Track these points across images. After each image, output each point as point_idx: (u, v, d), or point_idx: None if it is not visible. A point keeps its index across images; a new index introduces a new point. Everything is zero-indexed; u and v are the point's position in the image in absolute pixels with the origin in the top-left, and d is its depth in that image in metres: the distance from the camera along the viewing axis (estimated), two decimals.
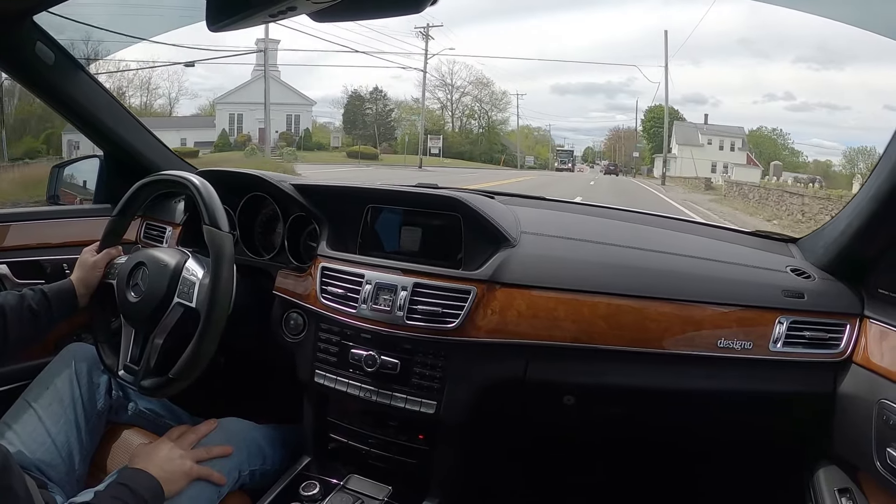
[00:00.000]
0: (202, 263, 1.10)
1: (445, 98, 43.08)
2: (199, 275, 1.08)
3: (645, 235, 1.29)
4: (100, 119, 1.54)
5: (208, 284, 1.03)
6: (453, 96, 43.07)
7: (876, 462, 0.94)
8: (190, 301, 1.06)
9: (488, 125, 44.12)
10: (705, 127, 36.09)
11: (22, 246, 1.47)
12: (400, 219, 1.26)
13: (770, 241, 1.34)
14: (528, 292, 1.09)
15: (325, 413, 1.25)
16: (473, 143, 42.98)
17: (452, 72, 43.58)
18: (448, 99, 43.22)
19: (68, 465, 1.06)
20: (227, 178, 1.35)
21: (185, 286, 1.07)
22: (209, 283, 1.03)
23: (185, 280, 1.08)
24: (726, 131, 35.22)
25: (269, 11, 0.74)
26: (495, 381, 1.11)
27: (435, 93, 42.61)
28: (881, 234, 1.02)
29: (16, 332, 1.06)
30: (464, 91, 43.71)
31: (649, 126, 40.34)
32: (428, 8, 0.81)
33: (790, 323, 1.06)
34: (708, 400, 1.15)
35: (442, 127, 41.87)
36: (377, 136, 37.50)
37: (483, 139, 43.30)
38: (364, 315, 1.14)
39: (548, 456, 1.49)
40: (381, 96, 40.08)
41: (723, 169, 31.83)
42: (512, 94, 44.72)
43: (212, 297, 1.01)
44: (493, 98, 44.63)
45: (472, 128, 44.09)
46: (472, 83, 44.20)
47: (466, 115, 44.30)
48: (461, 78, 44.24)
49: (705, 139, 34.68)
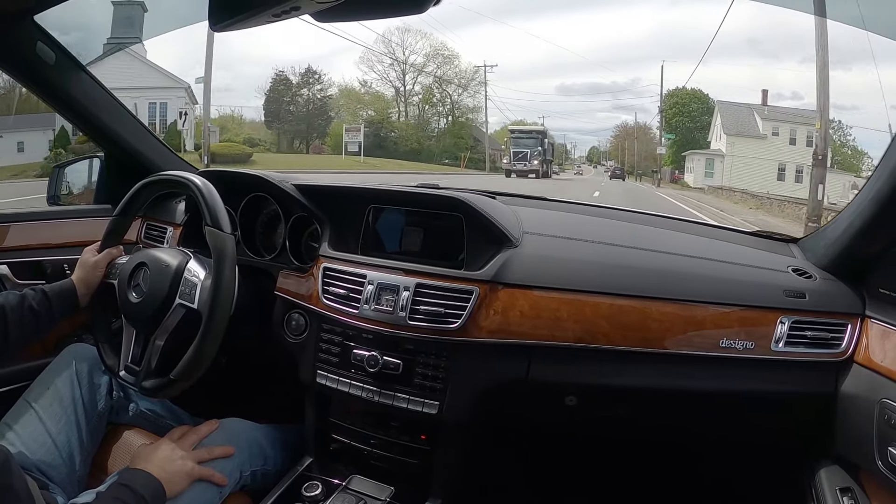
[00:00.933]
0: (204, 264, 1.09)
1: (397, 79, 33.45)
2: (200, 276, 1.07)
3: (646, 235, 1.30)
4: (100, 119, 1.54)
5: (210, 286, 1.03)
6: (406, 77, 33.36)
7: (877, 461, 0.94)
8: (192, 302, 1.06)
9: (452, 113, 34.41)
10: (766, 110, 23.56)
11: (22, 246, 1.47)
12: (402, 219, 1.25)
13: (771, 241, 1.34)
14: (530, 292, 1.09)
15: (326, 413, 1.24)
16: (435, 137, 33.98)
17: (404, 44, 33.36)
18: (400, 80, 33.51)
19: (69, 466, 1.06)
20: (228, 179, 1.35)
21: (187, 287, 1.07)
22: (211, 285, 1.02)
23: (187, 281, 1.08)
24: (797, 115, 22.53)
25: (272, 11, 0.75)
26: (498, 381, 1.11)
27: (387, 74, 33.15)
28: (882, 234, 1.03)
29: (17, 332, 1.06)
30: (421, 69, 33.61)
31: (672, 115, 30.32)
32: (431, 8, 0.82)
33: (792, 323, 1.07)
34: (710, 400, 1.15)
35: (387, 117, 32.52)
36: (308, 132, 30.15)
37: (447, 133, 33.70)
38: (366, 315, 1.13)
39: (550, 456, 1.50)
40: (314, 79, 31.34)
41: (795, 175, 20.87)
42: (488, 70, 33.98)
43: (213, 299, 1.01)
44: (462, 77, 34.50)
45: (430, 117, 34.55)
46: (430, 57, 34.04)
47: (424, 101, 34.30)
48: (416, 52, 33.98)
49: (769, 128, 22.93)
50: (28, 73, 1.37)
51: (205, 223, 1.05)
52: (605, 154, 48.50)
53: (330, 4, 0.73)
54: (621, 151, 41.44)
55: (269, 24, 0.82)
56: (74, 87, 1.43)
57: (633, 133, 39.59)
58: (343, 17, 0.86)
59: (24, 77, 1.39)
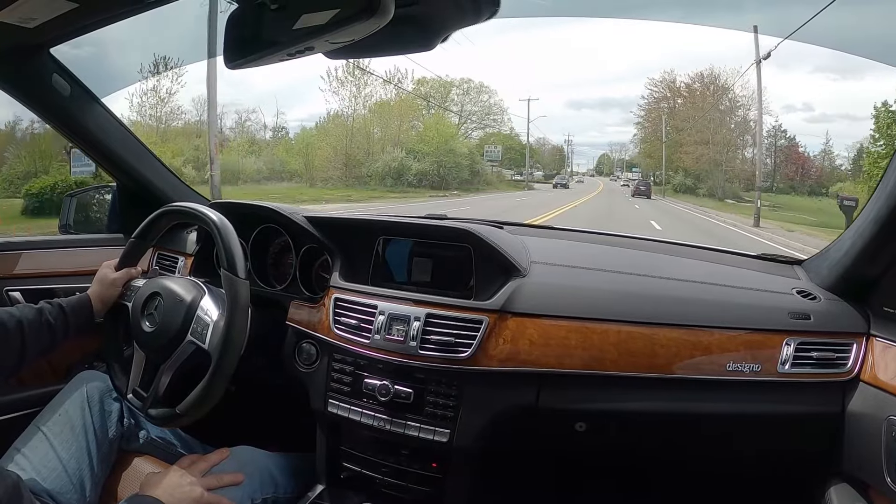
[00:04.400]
0: (217, 302, 1.10)
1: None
2: (213, 316, 1.08)
3: (651, 262, 1.31)
4: (113, 150, 1.57)
5: (222, 330, 1.03)
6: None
7: (887, 478, 0.95)
8: (203, 342, 1.06)
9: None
10: None
11: (34, 274, 1.49)
12: (411, 250, 1.27)
13: (775, 263, 1.36)
14: (539, 321, 1.10)
15: (338, 442, 1.25)
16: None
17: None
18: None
19: (80, 493, 1.06)
20: (239, 211, 1.37)
21: (199, 325, 1.07)
22: (223, 330, 1.03)
23: (200, 319, 1.08)
24: None
25: (287, 51, 0.78)
26: (508, 409, 1.12)
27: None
28: (884, 254, 1.04)
29: (34, 346, 1.07)
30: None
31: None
32: (438, 45, 0.85)
33: (798, 344, 1.08)
34: (718, 423, 1.15)
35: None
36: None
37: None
38: (377, 345, 1.14)
39: (560, 481, 1.49)
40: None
41: None
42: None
43: (224, 344, 1.02)
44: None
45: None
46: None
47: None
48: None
49: None
50: (44, 104, 1.41)
51: (221, 266, 1.06)
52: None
53: (343, 44, 0.76)
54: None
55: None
56: (88, 118, 1.47)
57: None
58: (353, 54, 0.89)
59: (39, 108, 1.43)
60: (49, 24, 1.10)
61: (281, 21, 0.75)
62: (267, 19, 0.78)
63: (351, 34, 0.70)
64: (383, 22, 0.66)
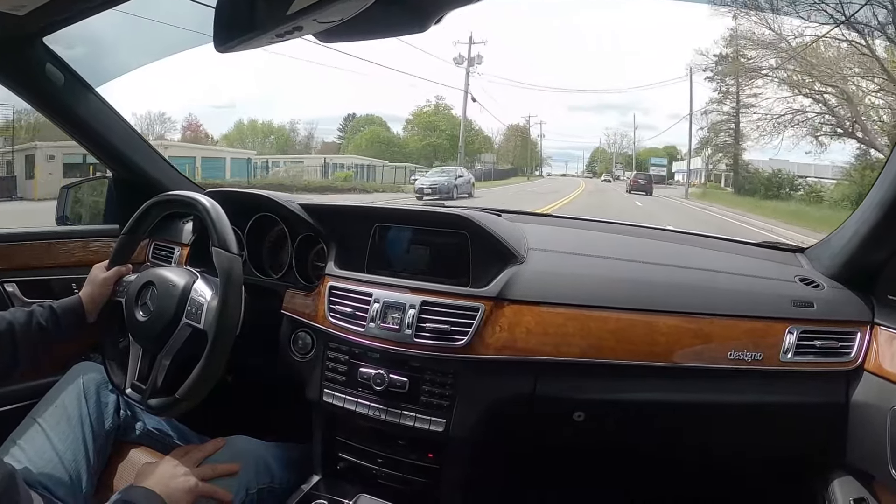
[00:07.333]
0: (211, 284, 1.10)
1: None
2: (207, 296, 1.08)
3: (651, 249, 1.30)
4: (108, 140, 1.55)
5: (216, 307, 1.03)
6: None
7: (891, 470, 0.93)
8: (198, 322, 1.06)
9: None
10: None
11: (31, 265, 1.48)
12: (407, 237, 1.26)
13: (778, 251, 1.34)
14: (536, 308, 1.09)
15: (333, 432, 1.24)
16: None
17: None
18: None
19: (75, 484, 1.06)
20: (235, 199, 1.36)
21: (194, 307, 1.07)
22: (217, 306, 1.03)
23: (194, 301, 1.08)
24: None
25: (275, 31, 0.76)
26: (504, 398, 1.11)
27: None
28: (887, 241, 1.03)
29: (26, 349, 1.07)
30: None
31: None
32: (432, 27, 0.84)
33: (800, 332, 1.06)
34: (719, 412, 1.14)
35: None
36: None
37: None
38: (372, 334, 1.13)
39: (558, 472, 1.48)
40: None
41: None
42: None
43: (219, 320, 1.01)
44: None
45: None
46: None
47: None
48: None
49: None
50: (37, 94, 1.40)
51: (212, 244, 1.06)
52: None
53: (332, 24, 0.74)
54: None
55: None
56: (83, 107, 1.46)
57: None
58: (346, 37, 0.88)
59: (33, 98, 1.41)
60: (40, 11, 1.09)
61: (269, 2, 0.74)
62: (255, 1, 0.76)
63: (339, 12, 0.69)
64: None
